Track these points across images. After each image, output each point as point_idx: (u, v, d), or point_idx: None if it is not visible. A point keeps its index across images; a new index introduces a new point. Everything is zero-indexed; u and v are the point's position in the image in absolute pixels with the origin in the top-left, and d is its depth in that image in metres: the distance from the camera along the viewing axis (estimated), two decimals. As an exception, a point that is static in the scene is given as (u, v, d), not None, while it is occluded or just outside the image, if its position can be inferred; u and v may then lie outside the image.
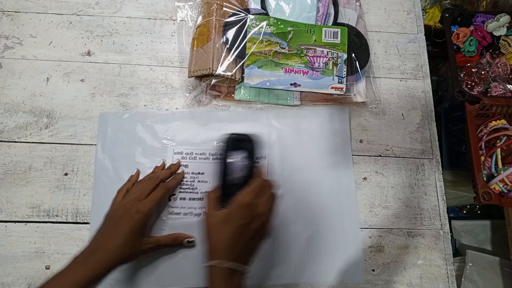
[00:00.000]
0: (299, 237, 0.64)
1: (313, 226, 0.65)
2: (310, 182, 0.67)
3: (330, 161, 0.69)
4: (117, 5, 0.76)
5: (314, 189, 0.67)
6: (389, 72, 0.78)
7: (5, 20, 0.73)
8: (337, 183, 0.68)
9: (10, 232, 0.62)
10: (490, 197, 0.67)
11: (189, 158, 0.66)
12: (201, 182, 0.65)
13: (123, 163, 0.65)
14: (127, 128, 0.68)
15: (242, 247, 0.52)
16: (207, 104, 0.71)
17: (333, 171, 0.68)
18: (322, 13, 0.73)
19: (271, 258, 0.63)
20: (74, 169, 0.65)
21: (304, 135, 0.70)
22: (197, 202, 0.64)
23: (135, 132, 0.68)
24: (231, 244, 0.51)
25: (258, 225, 0.53)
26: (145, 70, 0.73)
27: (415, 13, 0.83)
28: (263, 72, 0.68)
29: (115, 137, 0.67)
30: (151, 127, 0.68)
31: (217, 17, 0.68)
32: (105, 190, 0.63)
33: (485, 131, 0.76)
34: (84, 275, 0.48)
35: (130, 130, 0.68)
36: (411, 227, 0.68)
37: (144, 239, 0.56)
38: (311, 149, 0.69)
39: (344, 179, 0.68)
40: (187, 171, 0.66)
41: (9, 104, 0.68)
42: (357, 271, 0.64)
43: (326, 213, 0.66)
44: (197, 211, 0.64)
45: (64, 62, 0.72)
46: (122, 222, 0.54)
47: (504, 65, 0.81)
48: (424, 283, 0.65)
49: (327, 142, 0.70)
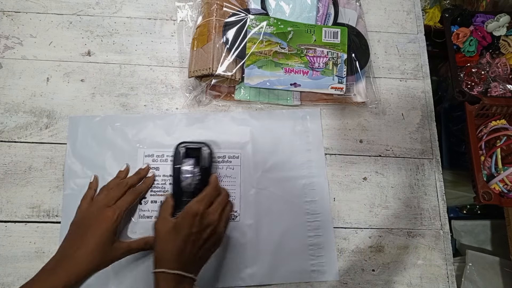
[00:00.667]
0: (271, 236, 0.64)
1: (286, 225, 0.65)
2: (283, 181, 0.67)
3: (302, 159, 0.69)
4: (117, 5, 0.76)
5: (287, 188, 0.67)
6: (389, 72, 0.78)
7: (5, 20, 0.73)
8: (310, 181, 0.68)
9: (10, 232, 0.62)
10: (490, 197, 0.67)
11: (160, 161, 0.65)
12: (172, 184, 0.64)
13: (93, 167, 0.64)
14: (97, 132, 0.67)
15: (189, 256, 0.51)
16: (207, 104, 0.71)
17: (306, 169, 0.68)
18: (322, 13, 0.73)
19: (243, 259, 0.62)
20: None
21: (276, 134, 0.70)
22: None
23: (105, 136, 0.66)
24: (176, 253, 0.50)
25: (208, 234, 0.53)
26: (145, 70, 0.73)
27: (415, 13, 0.83)
28: (263, 72, 0.68)
29: (85, 140, 0.66)
30: (122, 130, 0.67)
31: (217, 17, 0.68)
32: (74, 193, 0.62)
33: (485, 131, 0.76)
34: (53, 285, 0.47)
35: (100, 134, 0.66)
36: (411, 227, 0.68)
37: (115, 245, 0.54)
38: (283, 148, 0.69)
39: (317, 178, 0.68)
40: (158, 173, 0.65)
41: (9, 104, 0.68)
42: (331, 269, 0.64)
43: (299, 212, 0.66)
44: None
45: (64, 62, 0.72)
46: (91, 229, 0.53)
47: (504, 65, 0.81)
48: (424, 283, 0.65)
49: (299, 141, 0.70)
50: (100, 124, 0.67)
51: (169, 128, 0.68)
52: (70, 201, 0.62)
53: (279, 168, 0.68)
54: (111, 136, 0.67)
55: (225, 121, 0.70)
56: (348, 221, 0.67)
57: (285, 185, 0.67)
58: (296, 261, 0.63)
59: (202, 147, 0.61)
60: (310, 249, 0.64)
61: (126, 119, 0.68)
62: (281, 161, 0.68)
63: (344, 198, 0.68)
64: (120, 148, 0.66)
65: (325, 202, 0.67)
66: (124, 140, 0.67)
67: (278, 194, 0.66)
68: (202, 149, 0.61)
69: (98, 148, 0.66)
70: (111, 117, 0.68)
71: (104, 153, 0.65)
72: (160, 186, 0.64)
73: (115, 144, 0.66)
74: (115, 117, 0.68)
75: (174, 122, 0.69)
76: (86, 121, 0.68)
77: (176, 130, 0.68)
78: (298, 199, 0.66)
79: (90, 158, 0.65)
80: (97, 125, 0.67)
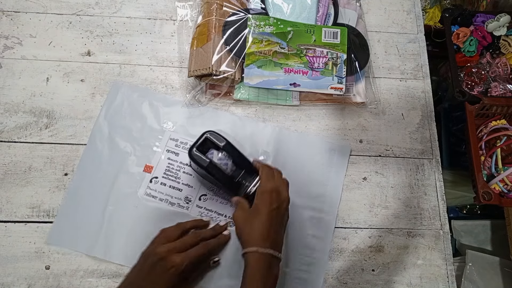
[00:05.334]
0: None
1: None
2: (292, 206, 0.64)
3: (317, 191, 0.67)
4: (117, 5, 0.76)
5: (293, 214, 0.62)
6: (389, 72, 0.78)
7: (5, 20, 0.73)
8: (318, 216, 0.66)
9: (10, 232, 0.62)
10: (490, 197, 0.67)
11: (182, 147, 0.67)
12: (186, 173, 0.66)
13: (120, 134, 0.67)
14: (134, 102, 0.69)
15: (275, 234, 0.53)
16: (207, 103, 0.71)
17: (318, 203, 0.66)
18: (322, 13, 0.73)
19: (225, 268, 0.61)
20: (74, 169, 0.65)
21: (300, 158, 0.69)
22: (175, 192, 0.64)
23: (141, 108, 0.69)
24: (265, 232, 0.52)
25: (284, 209, 0.54)
26: (145, 70, 0.73)
27: (415, 13, 0.83)
28: (263, 72, 0.68)
29: (120, 107, 0.69)
30: (157, 108, 0.69)
31: (217, 16, 0.68)
32: (96, 148, 0.66)
33: (485, 131, 0.76)
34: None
35: (137, 105, 0.69)
36: (411, 227, 0.68)
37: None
38: (302, 174, 0.68)
39: (325, 215, 0.66)
40: (176, 159, 0.66)
41: (9, 104, 0.68)
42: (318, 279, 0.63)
43: (297, 244, 0.64)
44: (173, 200, 0.64)
45: (64, 62, 0.72)
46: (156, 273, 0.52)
47: (504, 65, 0.81)
48: (424, 283, 0.65)
49: (320, 172, 0.68)
50: (139, 97, 0.70)
51: (204, 121, 0.69)
52: (89, 154, 0.65)
53: (292, 191, 0.66)
54: (146, 111, 0.69)
55: (259, 128, 0.70)
56: (348, 221, 0.67)
57: (292, 210, 0.64)
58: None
59: (206, 134, 0.61)
60: (295, 282, 0.62)
61: (165, 100, 0.70)
62: (296, 185, 0.65)
63: (344, 198, 0.68)
64: (149, 125, 0.68)
65: (326, 242, 0.65)
66: (156, 118, 0.68)
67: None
68: (208, 136, 0.61)
69: (129, 118, 0.68)
70: (152, 93, 0.70)
71: (134, 124, 0.68)
72: (174, 171, 0.66)
73: (147, 119, 0.68)
74: (155, 95, 0.70)
75: (205, 116, 0.70)
76: (127, 89, 0.70)
77: (209, 126, 0.67)
78: (300, 230, 0.64)
79: (120, 124, 0.68)
80: (136, 96, 0.70)
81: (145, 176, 0.65)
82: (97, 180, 0.64)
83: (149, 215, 0.63)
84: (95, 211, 0.62)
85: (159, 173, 0.65)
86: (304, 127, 0.72)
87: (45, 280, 0.59)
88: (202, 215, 0.63)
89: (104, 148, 0.66)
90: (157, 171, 0.65)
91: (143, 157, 0.66)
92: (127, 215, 0.63)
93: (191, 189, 0.65)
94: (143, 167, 0.65)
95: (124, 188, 0.64)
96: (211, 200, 0.65)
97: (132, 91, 0.70)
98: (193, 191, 0.65)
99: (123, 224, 0.62)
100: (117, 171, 0.65)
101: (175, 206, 0.64)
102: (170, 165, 0.66)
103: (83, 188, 0.64)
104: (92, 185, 0.64)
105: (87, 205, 0.63)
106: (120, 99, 0.69)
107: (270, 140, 0.69)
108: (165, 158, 0.66)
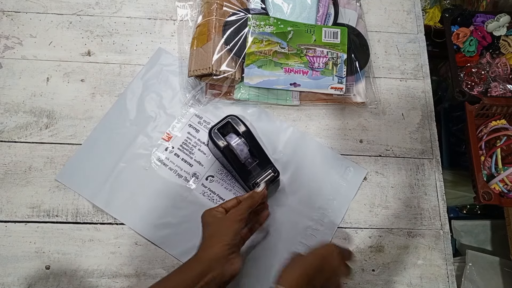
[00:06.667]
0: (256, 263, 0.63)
1: (270, 255, 0.63)
2: (294, 212, 0.65)
3: (321, 203, 0.67)
4: (117, 5, 0.76)
5: (292, 219, 0.64)
6: (389, 72, 0.78)
7: (5, 20, 0.73)
8: (316, 227, 0.65)
9: (10, 232, 0.62)
10: (490, 197, 0.67)
11: (203, 126, 0.69)
12: (200, 151, 0.68)
13: (150, 97, 0.70)
14: (171, 72, 0.72)
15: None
16: (207, 103, 0.71)
17: (319, 215, 0.66)
18: (322, 13, 0.73)
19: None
20: (74, 169, 0.65)
21: (313, 168, 0.68)
22: (186, 165, 0.67)
23: (174, 80, 0.71)
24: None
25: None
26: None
27: (415, 13, 0.83)
28: (263, 72, 0.68)
29: (157, 73, 0.72)
30: (189, 84, 0.70)
31: (217, 16, 0.68)
32: (123, 109, 0.69)
33: (485, 131, 0.76)
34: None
35: (172, 76, 0.72)
36: (411, 227, 0.68)
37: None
38: (313, 183, 0.68)
39: (322, 229, 0.65)
40: (195, 135, 0.68)
41: (9, 104, 0.68)
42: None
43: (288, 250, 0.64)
44: (182, 173, 0.66)
45: (64, 62, 0.72)
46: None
47: (504, 65, 0.81)
48: (424, 283, 0.65)
49: (330, 186, 0.68)
50: (177, 68, 0.72)
51: (231, 109, 0.71)
52: (117, 108, 0.69)
53: (296, 197, 0.66)
54: (179, 83, 0.71)
55: (282, 127, 0.71)
56: (348, 221, 0.67)
57: (292, 216, 0.65)
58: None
59: (229, 118, 0.62)
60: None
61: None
62: (303, 191, 0.67)
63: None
64: (178, 97, 0.71)
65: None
66: (186, 93, 0.70)
67: (282, 219, 0.65)
68: (231, 120, 0.62)
69: (163, 85, 0.71)
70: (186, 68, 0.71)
71: (165, 92, 0.71)
72: (190, 146, 0.68)
73: (177, 92, 0.71)
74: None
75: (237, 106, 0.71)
76: (168, 58, 0.73)
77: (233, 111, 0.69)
78: (294, 237, 0.64)
79: (153, 88, 0.71)
80: (174, 67, 0.72)
81: (162, 143, 0.68)
82: (118, 136, 0.67)
83: (156, 180, 0.65)
84: (107, 164, 0.65)
85: (176, 144, 0.68)
86: (304, 127, 0.72)
87: (45, 280, 0.59)
88: (205, 195, 0.65)
89: (132, 107, 0.69)
90: (175, 142, 0.68)
91: (165, 125, 0.69)
92: (135, 175, 0.65)
93: (201, 167, 0.67)
94: (163, 134, 0.68)
95: (140, 149, 0.67)
96: (217, 183, 0.66)
97: (172, 60, 0.73)
98: (203, 169, 0.67)
99: (129, 182, 0.65)
100: (138, 132, 0.68)
101: (182, 179, 0.66)
102: (188, 139, 0.68)
103: (102, 140, 0.67)
104: (111, 139, 0.67)
105: (102, 156, 0.66)
106: (159, 66, 0.72)
107: (288, 141, 0.70)
108: (186, 131, 0.69)
